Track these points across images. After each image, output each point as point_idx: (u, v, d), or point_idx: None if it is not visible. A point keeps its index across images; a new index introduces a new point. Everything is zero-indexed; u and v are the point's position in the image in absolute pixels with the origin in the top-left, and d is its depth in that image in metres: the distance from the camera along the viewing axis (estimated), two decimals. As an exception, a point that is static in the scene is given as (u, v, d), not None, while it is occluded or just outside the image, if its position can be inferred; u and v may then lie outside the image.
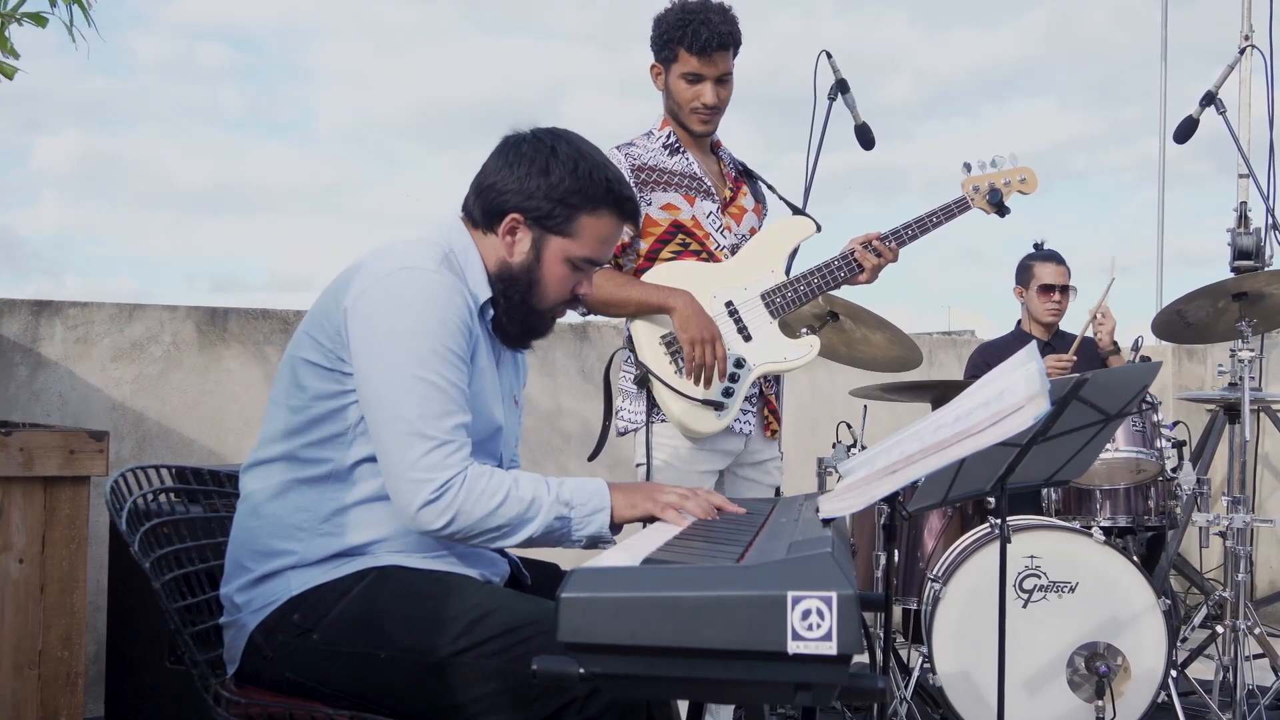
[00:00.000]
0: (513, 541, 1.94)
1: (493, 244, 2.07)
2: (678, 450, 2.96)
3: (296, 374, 2.00)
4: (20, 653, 2.80)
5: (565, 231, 2.04)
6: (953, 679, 3.40)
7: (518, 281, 2.06)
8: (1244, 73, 5.99)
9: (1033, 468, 2.55)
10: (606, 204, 2.04)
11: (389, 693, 1.87)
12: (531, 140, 2.06)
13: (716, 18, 2.96)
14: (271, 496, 2.00)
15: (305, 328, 2.03)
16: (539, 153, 2.03)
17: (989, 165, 3.12)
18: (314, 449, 1.98)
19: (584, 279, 2.10)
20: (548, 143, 2.04)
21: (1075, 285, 4.70)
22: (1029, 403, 1.55)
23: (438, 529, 1.88)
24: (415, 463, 1.87)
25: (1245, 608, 3.69)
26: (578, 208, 2.03)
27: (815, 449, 4.36)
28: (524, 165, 2.03)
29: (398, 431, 1.88)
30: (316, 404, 1.97)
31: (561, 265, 2.05)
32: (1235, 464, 4.08)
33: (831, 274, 3.02)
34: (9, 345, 3.91)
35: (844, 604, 1.26)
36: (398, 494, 1.89)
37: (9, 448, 2.74)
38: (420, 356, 1.89)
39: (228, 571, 2.04)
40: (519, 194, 2.03)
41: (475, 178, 2.10)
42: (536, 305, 2.08)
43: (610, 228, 2.07)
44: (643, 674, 1.32)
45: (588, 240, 2.05)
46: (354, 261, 2.03)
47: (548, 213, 2.02)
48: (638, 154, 3.04)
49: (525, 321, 2.10)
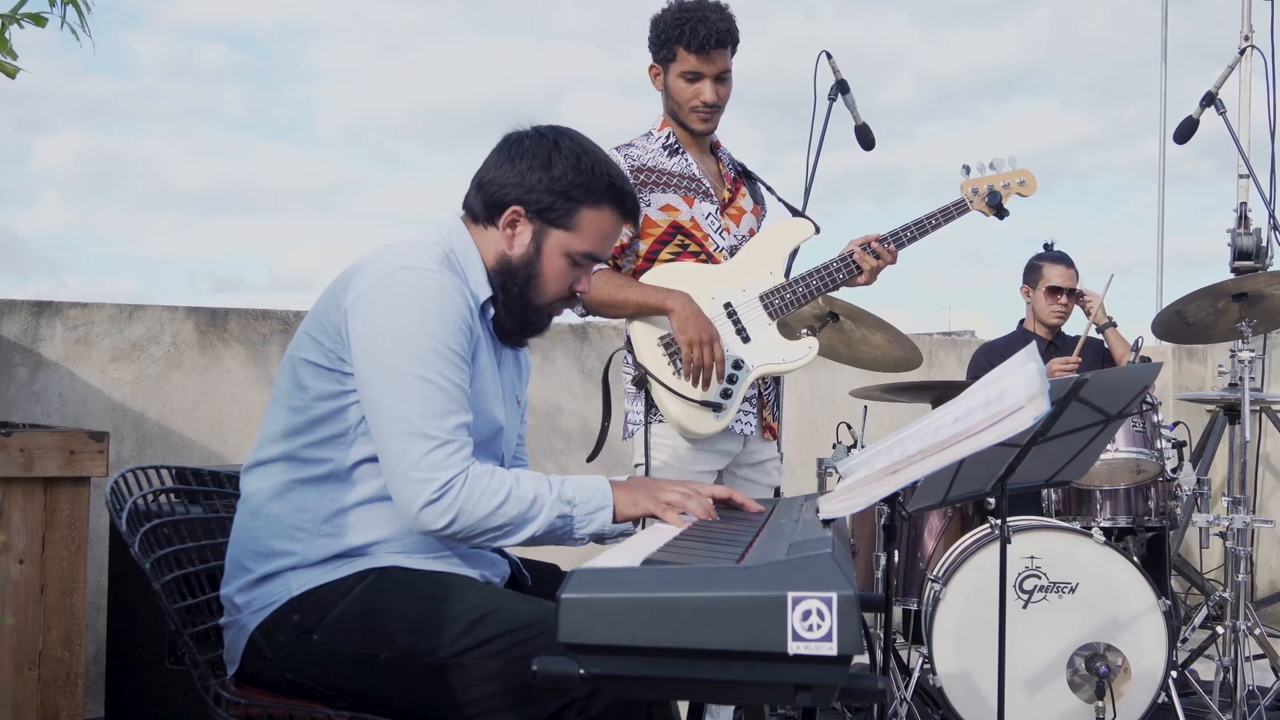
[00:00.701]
0: (515, 540, 1.94)
1: (493, 238, 2.07)
2: (676, 451, 2.96)
3: (297, 374, 2.00)
4: (20, 653, 2.80)
5: (566, 225, 2.04)
6: (953, 680, 3.40)
7: (517, 275, 2.06)
8: (1244, 73, 5.99)
9: (1033, 468, 2.55)
10: (608, 199, 2.05)
11: (389, 693, 1.87)
12: (534, 135, 2.06)
13: (714, 15, 2.97)
14: (272, 497, 2.00)
15: (305, 328, 2.03)
16: (541, 147, 2.04)
17: (988, 167, 3.12)
18: (315, 449, 1.98)
19: (583, 275, 2.10)
20: (550, 137, 2.05)
21: (1083, 290, 4.70)
22: (1029, 403, 1.55)
23: (439, 529, 1.88)
24: (417, 462, 1.87)
25: (1245, 608, 3.69)
26: (579, 201, 2.03)
27: (815, 449, 4.36)
28: (526, 159, 2.04)
29: (399, 431, 1.88)
30: (317, 404, 1.97)
31: (561, 259, 2.06)
32: (1235, 464, 4.08)
33: (830, 275, 3.02)
34: (9, 346, 3.91)
35: (844, 604, 1.27)
36: (399, 494, 1.89)
37: (9, 448, 2.74)
38: (421, 356, 1.89)
39: (228, 572, 2.04)
40: (520, 187, 2.03)
41: (476, 173, 2.11)
42: (535, 300, 2.08)
43: (611, 223, 2.07)
44: (643, 675, 1.32)
45: (588, 234, 2.05)
46: (354, 262, 2.03)
47: (549, 205, 2.03)
48: (637, 155, 3.04)
49: (523, 316, 2.10)
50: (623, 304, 2.92)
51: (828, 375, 5.22)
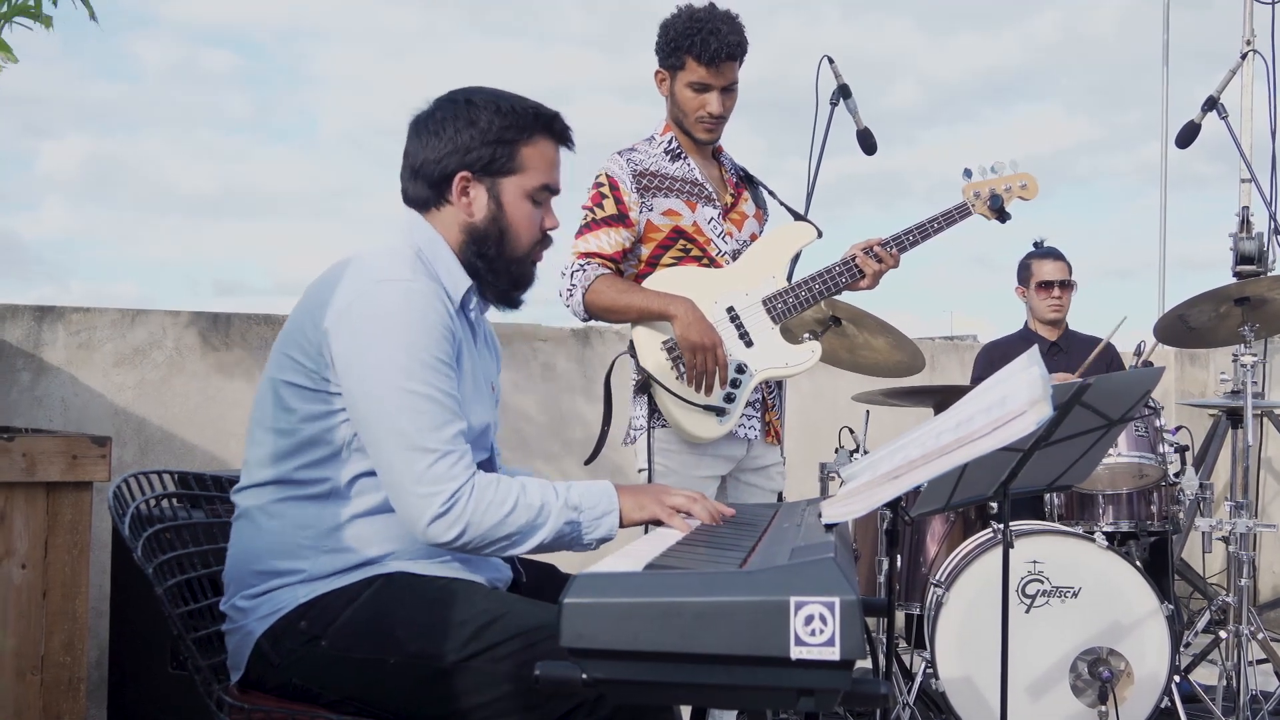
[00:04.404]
0: (524, 548, 1.93)
1: (450, 215, 2.07)
2: (679, 456, 2.96)
3: (280, 397, 1.98)
4: (22, 658, 2.80)
5: (513, 169, 2.06)
6: (955, 684, 3.40)
7: (489, 237, 2.07)
8: (1246, 78, 5.98)
9: (1035, 473, 2.55)
10: (539, 128, 2.07)
11: (397, 698, 1.86)
12: (443, 103, 2.07)
13: (725, 27, 2.95)
14: (272, 515, 1.98)
15: (282, 348, 2.00)
16: (457, 110, 2.05)
17: (990, 171, 3.12)
18: (308, 470, 1.96)
19: (547, 213, 2.12)
20: (460, 98, 2.06)
21: (1076, 281, 4.69)
22: (1031, 408, 1.55)
23: (449, 541, 1.87)
24: (420, 476, 1.86)
25: (1248, 613, 3.69)
26: (515, 141, 2.05)
27: (817, 454, 4.36)
28: (449, 126, 2.05)
29: (398, 447, 1.86)
30: (306, 425, 1.96)
31: (523, 203, 2.07)
32: (1238, 469, 4.08)
33: (833, 279, 3.02)
34: (12, 351, 3.92)
35: (847, 609, 1.27)
36: (405, 510, 1.88)
37: (12, 453, 2.74)
38: (409, 369, 1.88)
39: (229, 587, 2.02)
40: (457, 153, 2.04)
41: (404, 164, 2.11)
42: (514, 253, 2.09)
43: (550, 149, 2.10)
44: (646, 679, 1.32)
45: (536, 168, 2.07)
46: (323, 274, 2.02)
47: (491, 157, 2.04)
48: (639, 159, 3.04)
49: (509, 272, 2.10)
50: (625, 309, 2.92)
51: (830, 380, 5.21)
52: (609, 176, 3.00)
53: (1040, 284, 4.65)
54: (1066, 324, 4.71)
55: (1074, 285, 4.67)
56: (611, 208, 2.97)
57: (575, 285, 2.92)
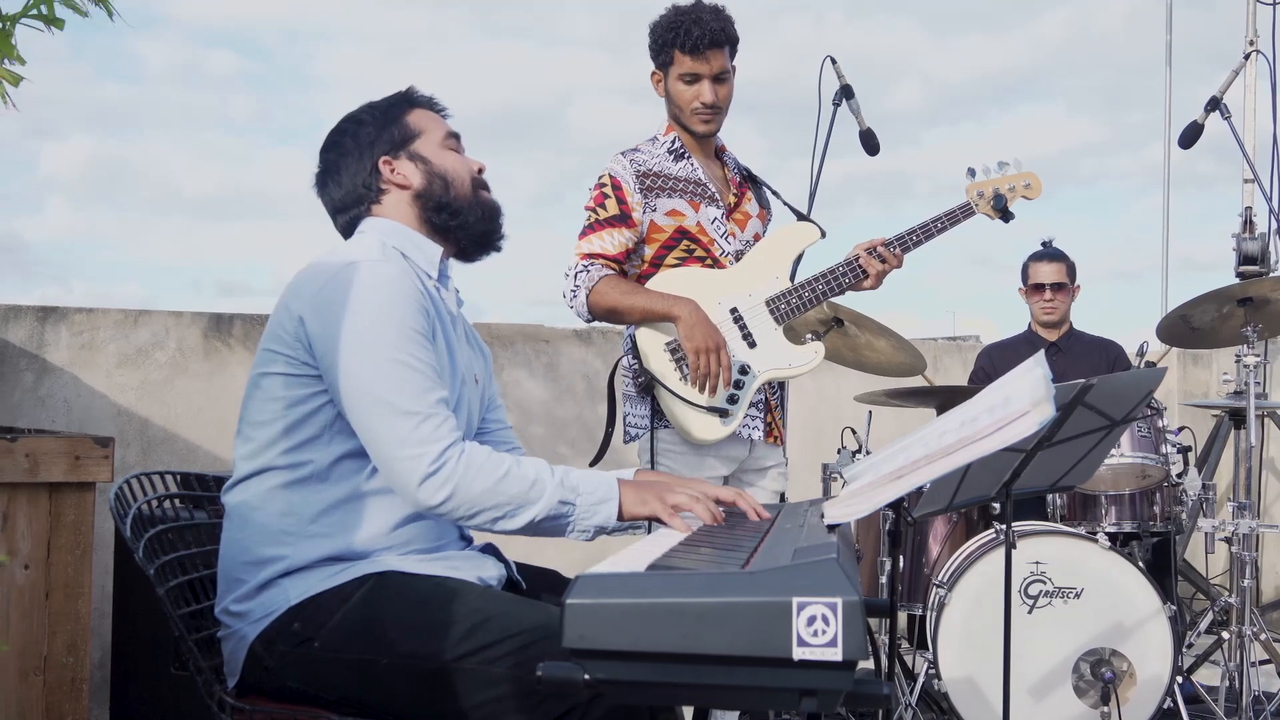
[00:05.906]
0: (517, 523, 1.92)
1: (394, 199, 2.15)
2: (682, 456, 2.96)
3: (264, 389, 2.01)
4: (25, 659, 2.80)
5: (414, 134, 2.16)
6: (958, 685, 3.40)
7: (434, 189, 2.15)
8: (1249, 78, 5.98)
9: (1038, 473, 2.54)
10: (404, 106, 2.19)
11: (392, 699, 1.86)
12: (323, 152, 2.20)
13: (708, 16, 2.98)
14: (256, 507, 1.99)
15: (264, 345, 2.04)
16: (344, 132, 2.17)
17: (993, 170, 3.11)
18: (292, 454, 1.98)
19: (467, 157, 2.21)
20: (331, 136, 2.19)
21: (1077, 284, 4.68)
22: (1033, 409, 1.55)
23: (438, 503, 1.88)
24: (405, 439, 1.87)
25: (1251, 613, 3.69)
26: (399, 117, 2.17)
27: (820, 454, 4.36)
28: (345, 143, 2.16)
29: (381, 415, 1.89)
30: (290, 411, 1.98)
31: (443, 151, 2.17)
32: (1240, 469, 4.07)
33: (836, 280, 3.02)
34: (15, 351, 3.92)
35: (849, 610, 1.26)
36: (395, 475, 1.90)
37: (14, 454, 2.75)
38: (386, 339, 1.91)
39: (221, 588, 2.03)
40: (363, 153, 2.14)
41: (327, 207, 2.21)
42: (463, 193, 2.16)
43: (426, 115, 2.20)
44: (648, 680, 1.32)
45: (429, 128, 2.18)
46: (295, 276, 2.05)
47: (392, 136, 2.16)
48: (643, 160, 3.04)
49: (475, 213, 2.17)
50: (629, 310, 2.92)
51: (832, 380, 5.22)
52: (612, 177, 3.01)
53: (1033, 286, 4.66)
54: (1070, 325, 4.71)
55: (1071, 288, 4.66)
56: (614, 208, 2.98)
57: (579, 286, 2.92)
